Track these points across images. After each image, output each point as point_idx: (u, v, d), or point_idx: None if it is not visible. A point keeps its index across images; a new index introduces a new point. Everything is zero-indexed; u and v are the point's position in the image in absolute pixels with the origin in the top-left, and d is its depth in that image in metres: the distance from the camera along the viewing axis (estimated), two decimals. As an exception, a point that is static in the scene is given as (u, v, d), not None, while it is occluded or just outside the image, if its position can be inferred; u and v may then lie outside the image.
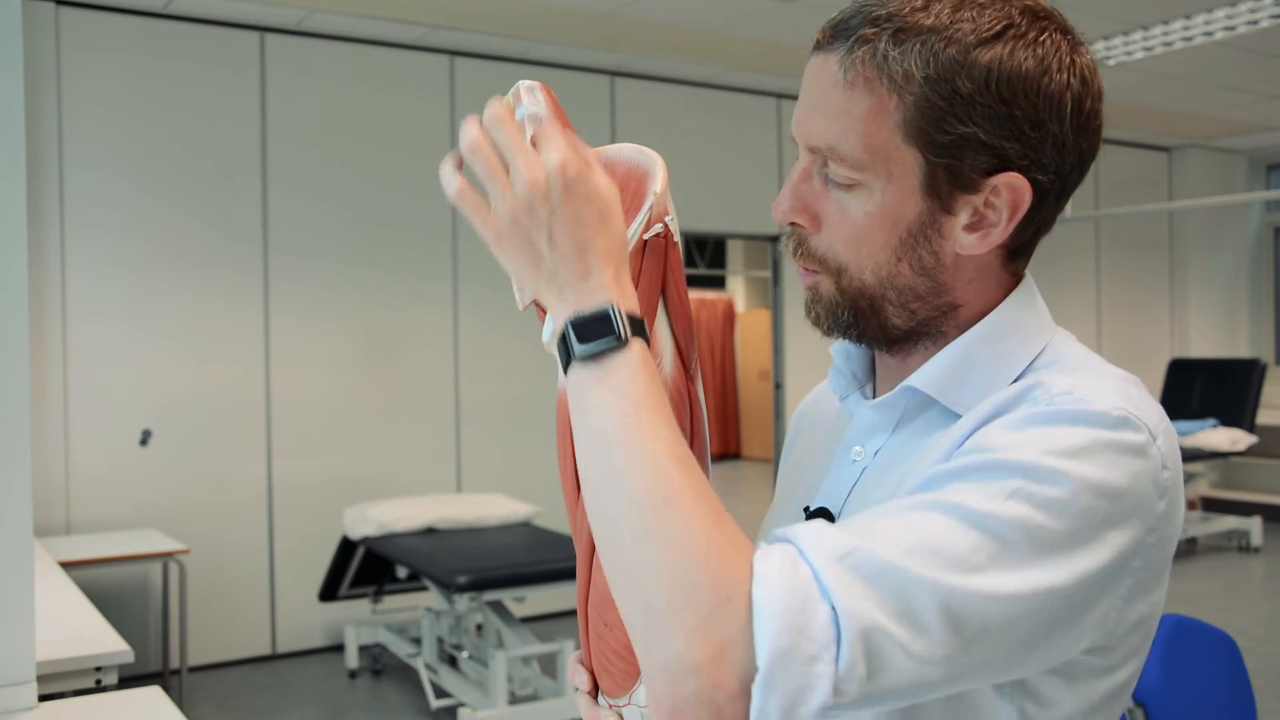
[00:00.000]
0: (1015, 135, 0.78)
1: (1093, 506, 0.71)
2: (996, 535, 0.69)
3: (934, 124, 0.78)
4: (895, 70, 0.78)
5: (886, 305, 0.84)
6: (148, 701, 1.91)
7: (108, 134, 4.54)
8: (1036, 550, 0.69)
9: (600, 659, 0.87)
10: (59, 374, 4.43)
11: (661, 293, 0.85)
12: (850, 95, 0.79)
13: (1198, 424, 6.75)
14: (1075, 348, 0.87)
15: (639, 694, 0.85)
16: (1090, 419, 0.73)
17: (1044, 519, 0.70)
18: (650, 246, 0.84)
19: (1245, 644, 3.05)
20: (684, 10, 4.80)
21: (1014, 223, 0.81)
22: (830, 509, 0.89)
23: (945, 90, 0.77)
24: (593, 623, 0.87)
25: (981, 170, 0.79)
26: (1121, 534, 0.72)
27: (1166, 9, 4.87)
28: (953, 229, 0.81)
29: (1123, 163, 7.86)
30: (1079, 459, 0.71)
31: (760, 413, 11.10)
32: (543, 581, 3.86)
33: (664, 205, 0.85)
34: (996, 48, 0.77)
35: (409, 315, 5.20)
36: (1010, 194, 0.80)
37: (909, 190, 0.80)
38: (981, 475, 0.71)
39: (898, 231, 0.81)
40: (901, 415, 0.88)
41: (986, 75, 0.77)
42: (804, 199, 0.84)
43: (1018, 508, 0.70)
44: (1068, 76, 0.79)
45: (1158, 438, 0.76)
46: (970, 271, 0.84)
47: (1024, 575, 0.69)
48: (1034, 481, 0.70)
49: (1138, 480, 0.73)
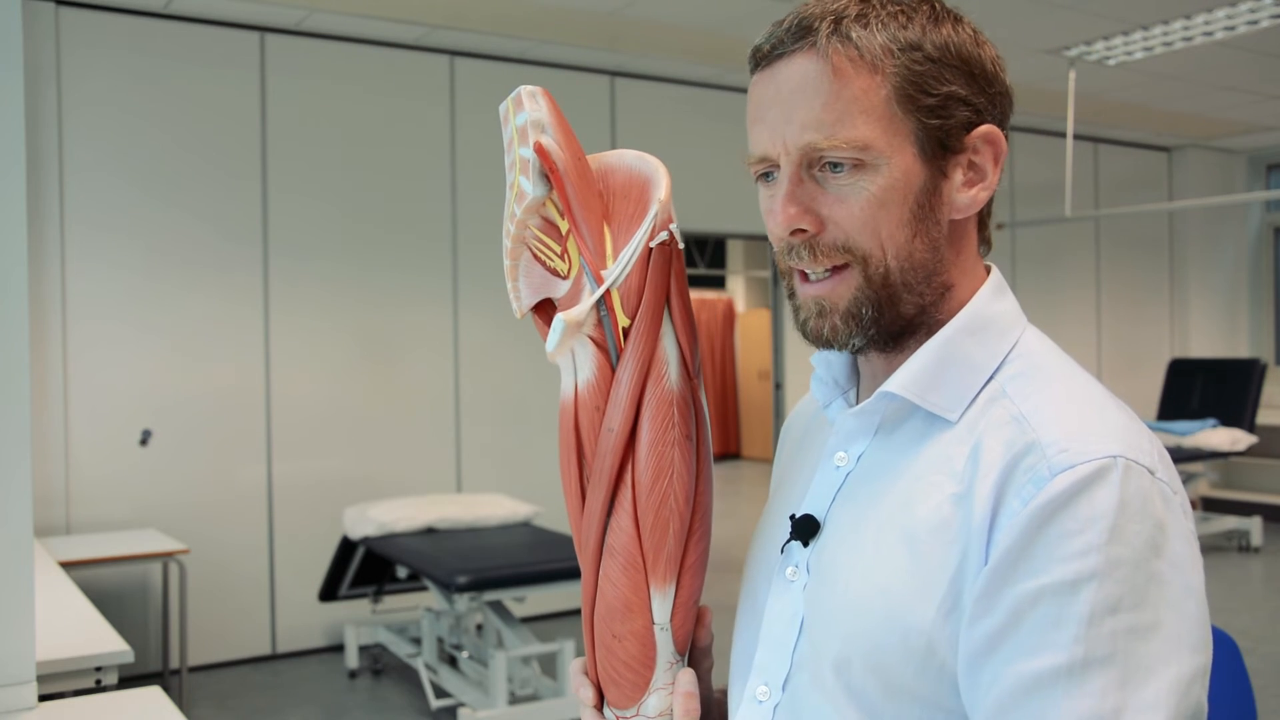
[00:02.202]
0: (980, 90, 0.85)
1: (1150, 573, 0.73)
2: (1104, 667, 0.70)
3: (919, 89, 0.83)
4: (874, 48, 0.82)
5: (903, 292, 0.85)
6: (148, 701, 1.91)
7: (108, 134, 4.54)
8: (1143, 646, 0.71)
9: (607, 670, 0.86)
10: (59, 374, 4.43)
11: (666, 300, 0.85)
12: (839, 81, 0.82)
13: (1198, 424, 6.75)
14: (1044, 343, 0.89)
15: (647, 705, 0.85)
16: (1094, 482, 0.74)
17: (1125, 618, 0.71)
18: (656, 254, 0.84)
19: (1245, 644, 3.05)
20: (684, 10, 4.80)
21: (997, 174, 0.87)
22: (815, 515, 0.90)
23: (919, 57, 0.83)
24: (600, 634, 0.86)
25: (965, 126, 0.85)
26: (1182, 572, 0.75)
27: (1166, 9, 4.86)
28: (950, 191, 0.85)
29: (1123, 163, 7.85)
30: (1113, 543, 0.72)
31: (760, 413, 11.11)
32: (543, 581, 3.86)
33: (668, 213, 0.85)
34: (944, 27, 0.85)
35: (409, 315, 5.20)
36: (991, 145, 0.86)
37: (911, 159, 0.83)
38: (1044, 622, 0.72)
39: (908, 204, 0.84)
40: (881, 420, 0.89)
41: (945, 42, 0.84)
42: (803, 203, 0.85)
43: (1099, 629, 0.71)
44: (986, 45, 0.88)
45: (1156, 470, 0.77)
46: (958, 243, 0.88)
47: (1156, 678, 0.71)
48: (1090, 591, 0.71)
49: (1167, 520, 0.75)
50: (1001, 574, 0.75)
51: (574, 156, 0.85)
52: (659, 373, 0.84)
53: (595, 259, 0.84)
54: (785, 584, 0.90)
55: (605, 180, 0.89)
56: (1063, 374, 0.84)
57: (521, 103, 0.85)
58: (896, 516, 0.83)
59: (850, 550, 0.85)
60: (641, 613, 0.83)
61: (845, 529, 0.87)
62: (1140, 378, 7.74)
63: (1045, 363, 0.85)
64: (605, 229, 0.86)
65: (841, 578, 0.85)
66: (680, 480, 0.84)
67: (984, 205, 0.88)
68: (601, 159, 0.90)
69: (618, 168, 0.89)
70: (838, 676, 0.83)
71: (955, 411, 0.84)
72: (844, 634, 0.83)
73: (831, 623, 0.85)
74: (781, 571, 0.91)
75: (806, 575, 0.88)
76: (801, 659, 0.87)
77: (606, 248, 0.85)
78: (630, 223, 0.85)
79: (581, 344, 0.85)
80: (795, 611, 0.89)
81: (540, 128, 0.85)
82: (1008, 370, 0.85)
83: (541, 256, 0.88)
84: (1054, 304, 7.33)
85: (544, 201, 0.86)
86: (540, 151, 0.84)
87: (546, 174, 0.85)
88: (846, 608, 0.84)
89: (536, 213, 0.87)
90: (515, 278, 0.90)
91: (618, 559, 0.83)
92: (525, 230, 0.88)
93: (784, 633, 0.89)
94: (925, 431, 0.85)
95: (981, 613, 0.75)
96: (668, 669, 0.84)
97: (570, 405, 0.86)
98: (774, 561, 0.93)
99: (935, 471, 0.83)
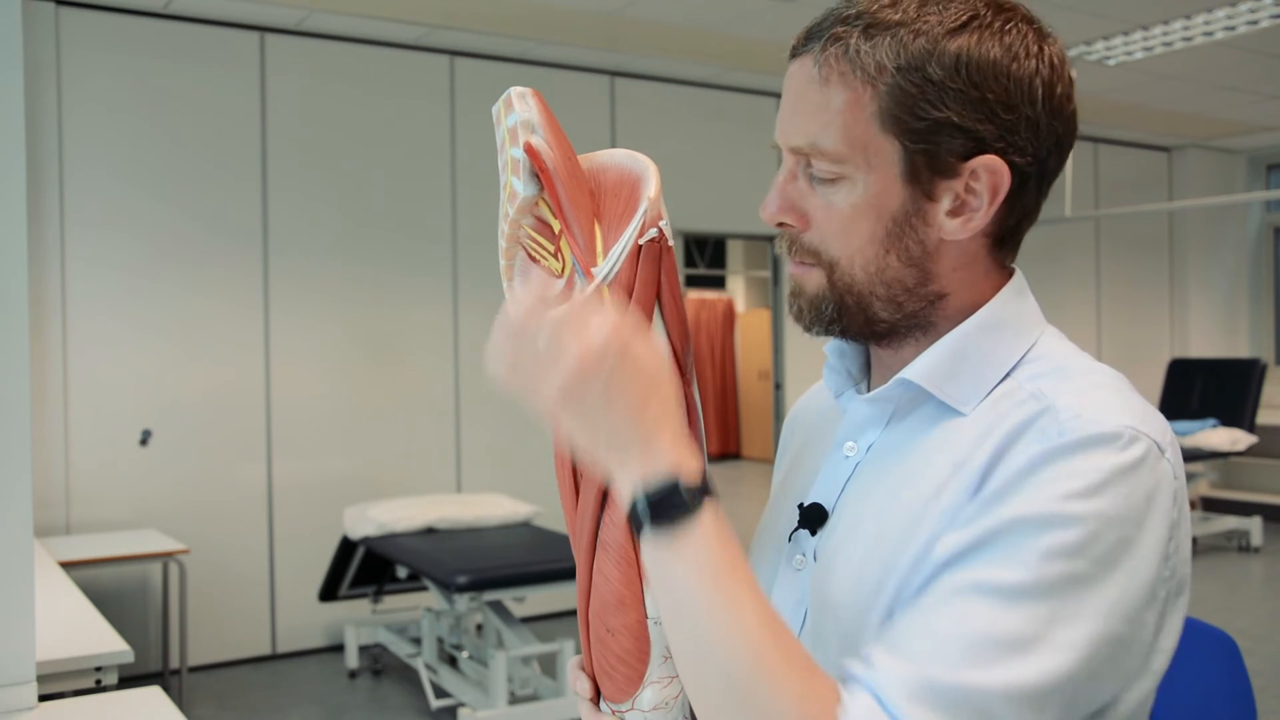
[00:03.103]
0: (989, 118, 0.80)
1: (1123, 537, 0.74)
2: (1042, 599, 0.72)
3: (908, 111, 0.80)
4: (868, 63, 0.80)
5: (874, 300, 0.85)
6: (148, 701, 1.90)
7: (108, 134, 4.54)
8: (1082, 596, 0.72)
9: (602, 664, 0.87)
10: (59, 374, 4.43)
11: (657, 297, 0.86)
12: (826, 91, 0.82)
13: (1198, 424, 6.75)
14: (1064, 345, 0.89)
15: (641, 699, 0.85)
16: (1102, 442, 0.75)
17: (1081, 566, 0.72)
18: (645, 251, 0.84)
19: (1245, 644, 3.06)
20: (684, 10, 4.80)
21: (995, 206, 0.83)
22: (824, 504, 0.90)
23: (917, 78, 0.80)
24: (594, 628, 0.87)
25: (959, 154, 0.81)
26: (1152, 551, 0.75)
27: (1166, 9, 4.87)
28: (936, 215, 0.83)
29: (1123, 163, 7.85)
30: (1100, 495, 0.74)
31: (760, 413, 11.10)
32: (543, 581, 3.86)
33: (658, 210, 0.85)
34: (963, 37, 0.80)
35: (409, 315, 5.20)
36: (990, 177, 0.82)
37: (890, 179, 0.82)
38: (1008, 543, 0.74)
39: (883, 222, 0.83)
40: (895, 409, 0.89)
41: (956, 61, 0.79)
42: (790, 199, 0.86)
43: (1052, 566, 0.72)
44: (1036, 63, 0.82)
45: (1166, 450, 0.78)
46: (955, 259, 0.86)
47: (1080, 625, 0.72)
48: (1061, 531, 0.73)
49: (1156, 496, 0.76)
50: (984, 504, 0.76)
51: (564, 156, 0.86)
52: None
53: (586, 256, 0.85)
54: (792, 572, 0.91)
55: (596, 179, 0.89)
56: (1083, 370, 0.85)
57: (512, 104, 0.86)
58: (897, 496, 0.84)
59: (854, 536, 0.86)
60: (635, 607, 0.83)
61: (852, 517, 0.88)
62: (1140, 378, 7.74)
63: (1066, 363, 0.85)
64: (596, 227, 0.87)
65: (843, 563, 0.86)
66: None
67: (996, 226, 0.85)
68: (593, 158, 0.91)
69: (609, 166, 0.90)
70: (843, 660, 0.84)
71: (970, 404, 0.85)
72: (847, 615, 0.84)
73: (835, 605, 0.86)
74: (789, 560, 0.92)
75: (813, 563, 0.89)
76: (807, 644, 0.88)
77: (597, 245, 0.86)
78: (621, 220, 0.86)
79: None
80: (800, 599, 0.90)
81: (530, 128, 0.85)
82: (1026, 369, 0.85)
83: (536, 256, 0.89)
84: (1054, 304, 7.33)
85: (536, 201, 0.87)
86: (530, 152, 0.85)
87: (537, 174, 0.86)
88: (849, 590, 0.84)
89: (529, 212, 0.88)
90: (511, 277, 0.91)
91: (611, 553, 0.84)
92: (519, 230, 0.89)
93: (790, 619, 0.90)
94: (935, 421, 0.86)
95: (954, 539, 0.76)
96: (662, 662, 0.85)
97: None
98: (780, 550, 0.94)
99: (939, 451, 0.84)
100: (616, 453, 0.75)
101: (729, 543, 0.74)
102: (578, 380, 0.73)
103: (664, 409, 0.75)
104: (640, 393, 0.74)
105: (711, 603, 0.73)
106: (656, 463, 0.74)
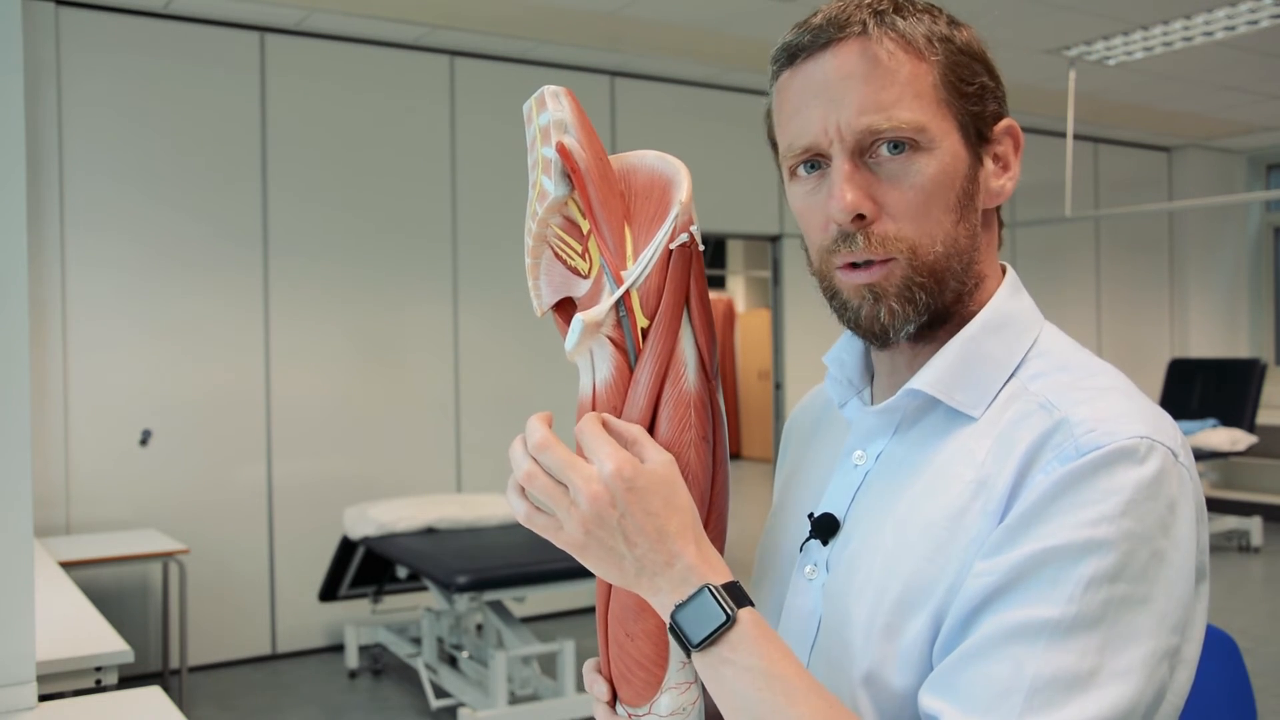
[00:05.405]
0: (999, 85, 0.89)
1: (1155, 551, 0.75)
2: (1092, 630, 0.72)
3: (960, 77, 0.85)
4: (917, 37, 0.85)
5: (947, 277, 0.86)
6: (148, 701, 1.90)
7: (108, 134, 4.54)
8: (1129, 618, 0.73)
9: (620, 668, 0.87)
10: (59, 374, 4.43)
11: (685, 302, 0.85)
12: (891, 67, 0.84)
13: (1198, 424, 6.75)
14: (1063, 340, 0.90)
15: (659, 704, 0.85)
16: (1121, 458, 0.76)
17: (1122, 588, 0.73)
18: (676, 255, 0.84)
19: (1245, 644, 3.06)
20: (684, 10, 4.80)
21: (1018, 164, 0.90)
22: (835, 514, 0.90)
23: (955, 48, 0.86)
24: (613, 632, 0.87)
25: (993, 116, 0.88)
26: (1184, 556, 0.77)
27: (1166, 9, 4.86)
28: (985, 180, 0.88)
29: (1123, 163, 7.86)
30: (1126, 515, 0.74)
31: (760, 413, 11.10)
32: (543, 581, 3.86)
33: (689, 214, 0.85)
34: (959, 27, 0.88)
35: (409, 315, 5.20)
36: (1013, 137, 0.89)
37: (957, 143, 0.85)
38: (1045, 578, 0.74)
39: (954, 190, 0.85)
40: (903, 418, 0.90)
41: (968, 39, 0.87)
42: (862, 188, 0.84)
43: (1095, 594, 0.73)
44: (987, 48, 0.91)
45: (1179, 454, 0.79)
46: (988, 234, 0.90)
47: (1134, 647, 0.73)
48: (1095, 558, 0.73)
49: (1178, 503, 0.77)
50: (1012, 533, 0.77)
51: (596, 157, 0.85)
52: (677, 374, 0.84)
53: (615, 259, 0.84)
54: (804, 582, 0.91)
55: (627, 180, 0.89)
56: (1085, 368, 0.85)
57: (545, 102, 0.86)
58: (916, 509, 0.84)
59: (870, 547, 0.86)
60: (654, 612, 0.83)
61: (865, 527, 0.87)
62: (1140, 378, 7.73)
63: (1068, 361, 0.86)
64: (626, 229, 0.86)
65: (861, 574, 0.85)
66: (696, 481, 0.84)
67: (1008, 198, 0.91)
68: (623, 159, 0.90)
69: (639, 168, 0.89)
70: (858, 670, 0.84)
71: (979, 408, 0.85)
72: (865, 626, 0.84)
73: (852, 617, 0.85)
74: (800, 570, 0.92)
75: (825, 573, 0.89)
76: (820, 655, 0.88)
77: (627, 248, 0.85)
78: (651, 223, 0.86)
79: (600, 344, 0.85)
80: (814, 609, 0.89)
81: (563, 128, 0.85)
82: (1029, 369, 0.86)
83: (563, 255, 0.89)
84: (1054, 304, 7.33)
85: (566, 201, 0.87)
86: (563, 151, 0.84)
87: (568, 174, 0.85)
88: (870, 602, 0.84)
89: (558, 212, 0.87)
90: (536, 276, 0.90)
91: None
92: (547, 229, 0.88)
93: (803, 629, 0.90)
94: (946, 428, 0.86)
95: (986, 570, 0.77)
96: (681, 668, 0.84)
97: (588, 405, 0.86)
98: (790, 559, 0.93)
99: (956, 463, 0.83)
100: (647, 580, 0.79)
101: (772, 645, 0.77)
102: (594, 527, 0.78)
103: (683, 522, 0.79)
104: (657, 520, 0.78)
105: (766, 706, 0.76)
106: (686, 581, 0.78)
